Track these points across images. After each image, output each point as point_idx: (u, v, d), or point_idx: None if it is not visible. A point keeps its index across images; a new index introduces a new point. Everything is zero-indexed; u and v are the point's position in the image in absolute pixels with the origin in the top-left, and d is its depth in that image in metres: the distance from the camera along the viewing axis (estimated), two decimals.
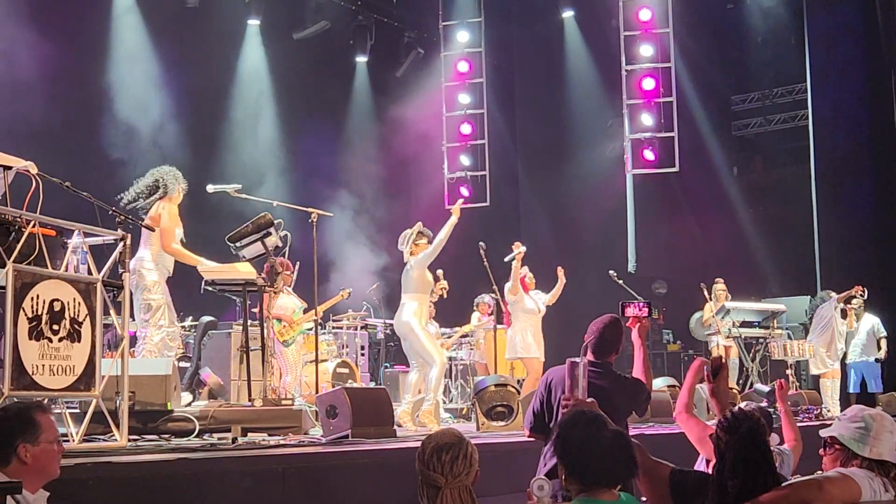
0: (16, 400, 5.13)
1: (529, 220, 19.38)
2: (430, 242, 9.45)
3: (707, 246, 18.82)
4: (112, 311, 6.90)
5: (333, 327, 12.78)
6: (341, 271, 13.58)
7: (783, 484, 3.93)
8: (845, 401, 13.25)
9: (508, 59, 19.31)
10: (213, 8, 15.05)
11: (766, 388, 11.03)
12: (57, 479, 3.88)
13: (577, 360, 4.80)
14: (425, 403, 9.28)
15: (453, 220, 9.41)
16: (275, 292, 9.49)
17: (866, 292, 13.63)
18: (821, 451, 4.24)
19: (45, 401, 5.51)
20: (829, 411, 12.30)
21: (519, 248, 11.39)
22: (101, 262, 6.47)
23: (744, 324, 13.28)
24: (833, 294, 13.50)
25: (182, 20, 14.50)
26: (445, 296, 10.42)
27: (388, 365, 13.96)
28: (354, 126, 17.61)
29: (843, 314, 13.59)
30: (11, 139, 7.88)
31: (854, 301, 13.72)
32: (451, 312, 13.06)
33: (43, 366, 5.77)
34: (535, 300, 11.77)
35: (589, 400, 4.61)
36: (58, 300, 5.92)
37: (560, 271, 12.14)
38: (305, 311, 11.11)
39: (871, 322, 14.02)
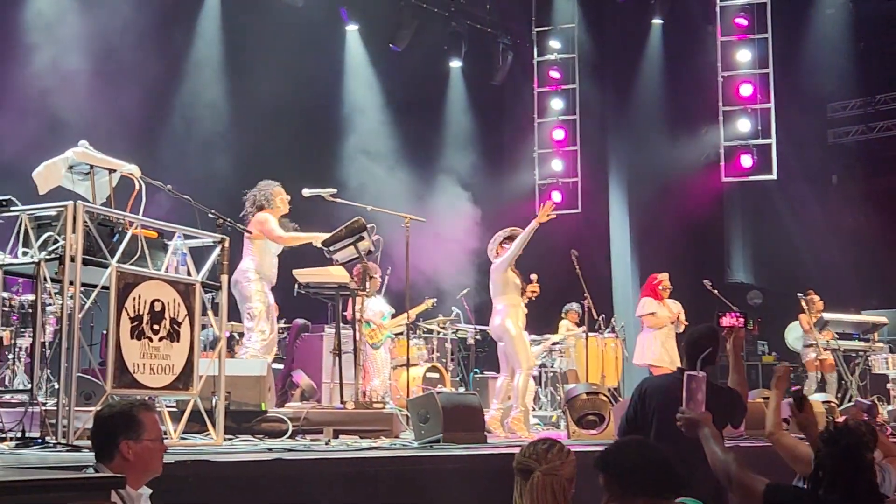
0: (118, 398, 5.26)
1: (620, 227, 19.17)
2: None
3: (805, 256, 18.39)
4: (210, 312, 7.04)
5: (424, 332, 12.83)
6: (432, 276, 13.60)
7: (884, 502, 3.83)
8: None
9: (601, 65, 19.15)
10: (312, 13, 15.20)
11: (867, 403, 10.72)
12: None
13: (695, 373, 4.70)
14: (514, 411, 9.23)
15: (534, 223, 9.25)
16: (367, 296, 9.55)
17: None
18: None
19: (149, 399, 5.64)
20: None
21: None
22: (199, 264, 6.61)
23: (842, 336, 12.94)
24: None
25: (282, 24, 14.69)
26: (534, 298, 10.29)
27: (477, 370, 13.94)
28: (448, 130, 17.65)
29: None
30: (111, 143, 8.08)
31: None
32: (540, 320, 12.99)
33: (143, 364, 5.91)
34: (668, 307, 11.65)
35: (704, 413, 4.50)
36: (158, 300, 6.05)
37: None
38: (393, 317, 11.17)
39: None
